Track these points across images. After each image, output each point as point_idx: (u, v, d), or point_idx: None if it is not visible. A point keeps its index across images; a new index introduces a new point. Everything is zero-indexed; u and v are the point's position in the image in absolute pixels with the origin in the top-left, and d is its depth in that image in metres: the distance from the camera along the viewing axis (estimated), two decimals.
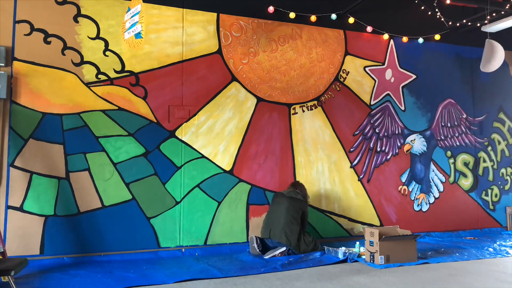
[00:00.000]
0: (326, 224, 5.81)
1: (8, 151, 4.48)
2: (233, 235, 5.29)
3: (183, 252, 5.04)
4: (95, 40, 4.88)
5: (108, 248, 4.71)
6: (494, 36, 6.09)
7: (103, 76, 4.88)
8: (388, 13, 6.43)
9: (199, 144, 5.23)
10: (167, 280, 3.90)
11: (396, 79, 6.45)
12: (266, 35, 5.68)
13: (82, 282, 3.81)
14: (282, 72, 5.75)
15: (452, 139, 6.79)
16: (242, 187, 5.40)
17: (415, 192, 6.43)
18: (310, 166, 5.79)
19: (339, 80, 6.07)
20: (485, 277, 4.12)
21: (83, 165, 4.70)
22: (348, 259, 4.74)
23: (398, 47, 6.48)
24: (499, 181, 7.09)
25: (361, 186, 6.08)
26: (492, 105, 7.14)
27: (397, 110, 6.41)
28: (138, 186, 4.92)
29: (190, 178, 5.15)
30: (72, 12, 4.82)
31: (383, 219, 6.15)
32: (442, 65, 6.80)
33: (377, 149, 6.22)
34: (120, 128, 4.90)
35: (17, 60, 4.57)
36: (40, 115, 4.61)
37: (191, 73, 5.25)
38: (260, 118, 5.57)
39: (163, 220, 5.00)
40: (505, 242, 5.91)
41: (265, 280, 3.98)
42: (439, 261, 4.73)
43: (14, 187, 4.46)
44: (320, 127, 5.89)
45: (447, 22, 6.58)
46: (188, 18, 5.30)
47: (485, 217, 6.89)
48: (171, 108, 5.12)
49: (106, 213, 4.76)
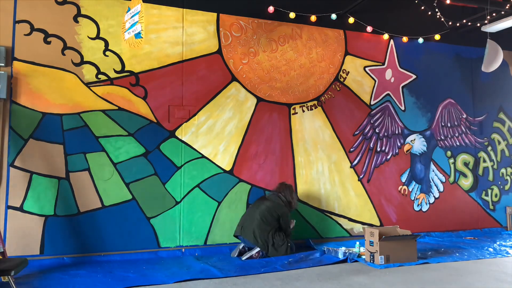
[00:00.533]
0: (326, 224, 5.81)
1: (8, 151, 4.48)
2: (233, 235, 5.29)
3: (183, 252, 5.04)
4: (95, 40, 4.88)
5: (108, 248, 4.71)
6: (494, 36, 6.09)
7: (103, 76, 4.88)
8: (388, 13, 6.43)
9: (199, 144, 5.23)
10: (167, 280, 3.90)
11: (396, 79, 6.44)
12: (266, 35, 5.68)
13: (82, 282, 3.81)
14: (282, 72, 5.75)
15: (452, 139, 6.78)
16: (242, 187, 5.40)
17: (415, 192, 6.43)
18: (310, 166, 5.79)
19: (339, 80, 6.07)
20: (485, 277, 4.11)
21: (83, 165, 4.70)
22: (348, 259, 4.74)
23: (398, 47, 6.48)
24: (499, 181, 7.09)
25: (361, 186, 6.08)
26: (492, 105, 7.14)
27: (397, 110, 6.41)
28: (138, 186, 4.92)
29: (190, 178, 5.15)
30: (72, 12, 4.82)
31: (383, 219, 6.15)
32: (442, 65, 6.80)
33: (377, 149, 6.22)
34: (120, 128, 4.90)
35: (17, 60, 4.57)
36: (40, 115, 4.61)
37: (191, 73, 5.25)
38: (260, 118, 5.57)
39: (163, 220, 5.00)
40: (505, 242, 5.91)
41: (265, 280, 3.98)
42: (439, 261, 4.73)
43: (14, 187, 4.46)
44: (320, 127, 5.89)
45: (447, 22, 6.58)
46: (188, 18, 5.30)
47: (485, 217, 6.89)
48: (171, 108, 5.12)
49: (106, 213, 4.76)
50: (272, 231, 4.88)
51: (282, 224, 5.01)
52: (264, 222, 4.85)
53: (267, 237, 4.84)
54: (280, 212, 4.97)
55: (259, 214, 4.88)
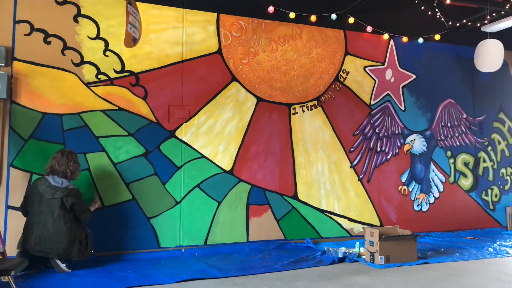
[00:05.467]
0: (326, 224, 5.81)
1: (8, 151, 4.48)
2: (233, 235, 5.29)
3: (183, 252, 5.04)
4: (95, 40, 4.88)
5: (108, 248, 4.70)
6: (494, 36, 6.09)
7: (103, 76, 4.88)
8: (388, 13, 6.42)
9: (199, 144, 5.23)
10: (167, 280, 3.90)
11: (396, 79, 6.44)
12: (266, 35, 5.68)
13: (82, 282, 3.81)
14: (282, 72, 5.75)
15: (452, 139, 6.78)
16: (242, 187, 5.40)
17: (415, 192, 6.43)
18: (310, 166, 5.79)
19: (339, 80, 6.07)
20: (485, 277, 4.12)
21: (83, 165, 4.69)
22: (348, 259, 4.74)
23: (398, 47, 6.48)
24: (499, 181, 7.09)
25: (361, 186, 6.07)
26: (492, 105, 7.14)
27: (397, 110, 6.41)
28: (138, 186, 4.92)
29: (190, 178, 5.15)
30: (72, 12, 4.82)
31: (383, 219, 6.15)
32: (442, 65, 6.80)
33: (377, 149, 6.22)
34: (120, 128, 4.90)
35: (17, 60, 4.57)
36: (40, 115, 4.61)
37: (191, 73, 5.25)
38: (260, 118, 5.57)
39: (163, 220, 5.00)
40: (505, 242, 5.91)
41: (265, 280, 3.98)
42: (439, 261, 4.73)
43: (14, 187, 4.46)
44: (320, 127, 5.89)
45: (447, 22, 6.58)
46: (188, 18, 5.30)
47: (485, 217, 6.89)
48: (171, 108, 5.12)
49: (106, 213, 4.76)
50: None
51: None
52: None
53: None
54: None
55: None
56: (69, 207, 4.13)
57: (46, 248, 4.01)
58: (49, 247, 4.01)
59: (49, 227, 4.03)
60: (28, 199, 4.20)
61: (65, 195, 4.11)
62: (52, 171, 4.21)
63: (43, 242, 4.01)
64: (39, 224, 4.04)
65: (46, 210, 4.06)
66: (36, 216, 4.08)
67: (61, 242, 4.03)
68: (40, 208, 4.08)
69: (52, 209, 4.06)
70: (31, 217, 4.12)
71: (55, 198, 4.07)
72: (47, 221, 4.04)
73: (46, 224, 4.03)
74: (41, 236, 4.01)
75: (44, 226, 4.03)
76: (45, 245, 4.01)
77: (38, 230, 4.03)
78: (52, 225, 4.03)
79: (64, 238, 4.05)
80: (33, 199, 4.14)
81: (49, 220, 4.04)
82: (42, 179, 4.20)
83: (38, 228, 4.04)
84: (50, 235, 4.02)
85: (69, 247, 4.07)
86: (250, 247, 5.31)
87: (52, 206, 4.07)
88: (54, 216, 4.05)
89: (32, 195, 4.16)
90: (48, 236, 4.02)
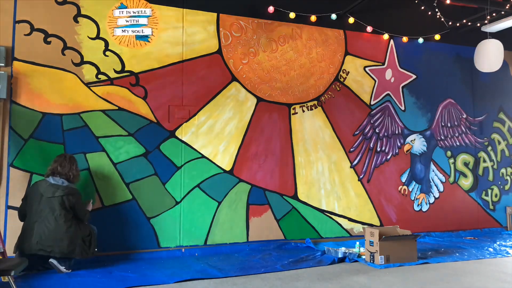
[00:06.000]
0: (326, 224, 5.80)
1: (8, 151, 4.48)
2: (233, 235, 5.29)
3: (183, 252, 5.04)
4: (95, 40, 4.88)
5: (108, 248, 4.70)
6: (494, 36, 6.08)
7: (103, 76, 4.88)
8: (388, 13, 6.42)
9: (199, 144, 5.22)
10: (167, 280, 3.90)
11: (396, 79, 6.44)
12: (266, 35, 5.68)
13: (82, 282, 3.81)
14: (282, 72, 5.75)
15: (452, 139, 6.78)
16: (242, 187, 5.40)
17: (415, 192, 6.43)
18: (310, 166, 5.79)
19: (339, 80, 6.06)
20: (485, 277, 4.12)
21: (83, 165, 4.69)
22: (348, 259, 4.74)
23: (398, 47, 6.48)
24: (499, 181, 7.09)
25: (361, 186, 6.07)
26: (492, 105, 7.14)
27: (397, 110, 6.41)
28: (138, 186, 4.92)
29: (190, 178, 5.15)
30: (72, 12, 4.82)
31: (383, 219, 6.15)
32: (442, 65, 6.80)
33: (377, 149, 6.22)
34: (120, 128, 4.90)
35: (17, 60, 4.57)
36: (40, 115, 4.61)
37: (191, 73, 5.25)
38: (260, 118, 5.57)
39: (163, 220, 5.00)
40: (505, 242, 5.91)
41: (265, 280, 3.98)
42: (439, 261, 4.73)
43: (14, 187, 4.45)
44: (320, 127, 5.89)
45: (447, 22, 6.58)
46: (188, 18, 5.30)
47: (485, 217, 6.89)
48: (171, 108, 5.12)
49: (106, 213, 4.76)
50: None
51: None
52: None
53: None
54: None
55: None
56: (69, 207, 4.13)
57: (47, 246, 4.01)
58: (50, 245, 4.01)
59: (50, 225, 4.03)
60: (28, 200, 4.20)
61: (65, 193, 4.11)
62: (54, 173, 4.22)
63: (44, 240, 4.01)
64: (40, 223, 4.04)
65: (47, 208, 4.06)
66: (36, 215, 4.08)
67: (62, 240, 4.03)
68: (40, 207, 4.08)
69: (53, 208, 4.06)
70: (32, 217, 4.11)
71: (56, 196, 4.08)
72: (48, 219, 4.04)
73: (47, 222, 4.03)
74: (42, 234, 4.01)
75: (45, 224, 4.03)
76: (46, 243, 4.01)
77: (39, 229, 4.03)
78: (53, 223, 4.03)
79: (65, 236, 4.05)
80: (33, 200, 4.14)
81: (50, 218, 4.04)
82: (42, 181, 4.21)
83: (39, 226, 4.04)
84: (50, 233, 4.02)
85: (70, 246, 4.06)
86: (250, 247, 5.31)
87: (53, 205, 4.07)
88: (55, 214, 4.05)
89: (32, 195, 4.16)
90: (49, 234, 4.02)
